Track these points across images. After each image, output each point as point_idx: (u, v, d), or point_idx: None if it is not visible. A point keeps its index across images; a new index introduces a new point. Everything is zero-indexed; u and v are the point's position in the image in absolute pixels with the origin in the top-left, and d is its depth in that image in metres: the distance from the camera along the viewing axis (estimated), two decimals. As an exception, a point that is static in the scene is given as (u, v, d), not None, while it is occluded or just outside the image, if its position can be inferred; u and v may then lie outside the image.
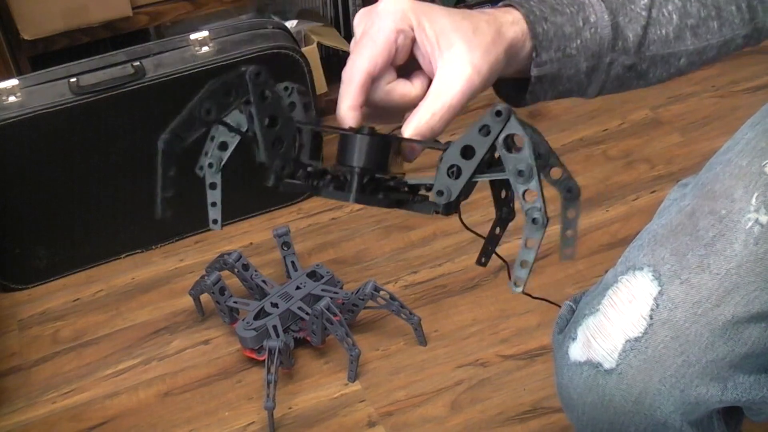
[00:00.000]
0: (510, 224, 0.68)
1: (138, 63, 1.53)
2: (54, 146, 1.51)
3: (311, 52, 1.78)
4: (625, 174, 1.73)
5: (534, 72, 0.65)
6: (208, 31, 1.58)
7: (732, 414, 0.79)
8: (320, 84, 1.83)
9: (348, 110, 0.63)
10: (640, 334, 0.70)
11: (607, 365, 0.71)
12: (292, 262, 1.51)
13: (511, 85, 0.69)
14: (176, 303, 1.54)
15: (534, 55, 0.65)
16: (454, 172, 0.61)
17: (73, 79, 1.50)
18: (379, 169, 0.61)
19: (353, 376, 1.37)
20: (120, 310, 1.55)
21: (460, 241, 1.61)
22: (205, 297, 1.47)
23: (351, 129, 0.62)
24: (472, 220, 1.80)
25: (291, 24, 1.83)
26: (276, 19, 1.77)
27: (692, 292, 0.70)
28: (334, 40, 1.92)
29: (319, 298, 1.40)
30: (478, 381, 1.35)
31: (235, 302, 1.43)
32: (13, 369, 1.46)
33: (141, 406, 1.37)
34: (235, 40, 1.58)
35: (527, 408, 1.30)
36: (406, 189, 0.63)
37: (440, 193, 0.61)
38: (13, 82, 1.49)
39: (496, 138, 0.59)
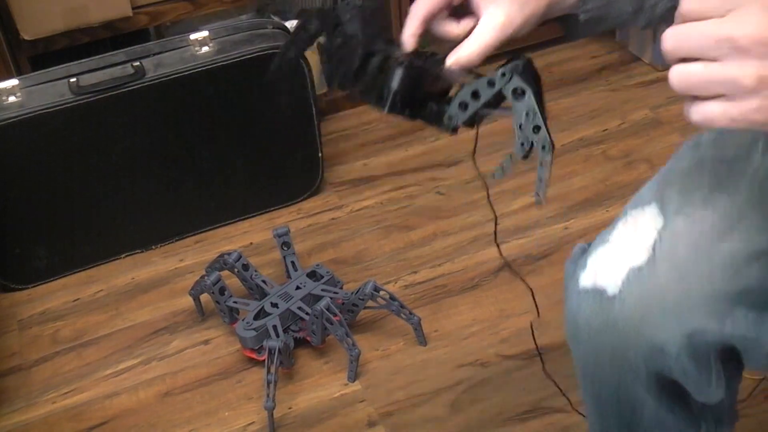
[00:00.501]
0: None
1: (138, 63, 1.53)
2: (54, 146, 1.51)
3: (311, 52, 1.78)
4: (625, 174, 1.73)
5: (581, 17, 0.74)
6: (208, 31, 1.58)
7: (731, 359, 0.79)
8: (320, 84, 1.83)
9: (409, 36, 0.80)
10: (643, 264, 0.73)
11: (611, 291, 0.75)
12: (292, 262, 1.51)
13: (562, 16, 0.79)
14: (176, 303, 1.54)
15: (581, 3, 0.74)
16: (464, 106, 0.79)
17: (73, 79, 1.50)
18: (413, 90, 0.79)
19: (353, 376, 1.37)
20: (120, 310, 1.55)
21: (460, 241, 1.61)
22: (205, 297, 1.47)
23: (403, 55, 0.80)
24: (472, 220, 1.81)
25: (291, 24, 1.83)
26: (276, 19, 1.77)
27: (695, 226, 0.73)
28: (334, 40, 1.92)
29: (319, 298, 1.40)
30: (478, 381, 1.35)
31: (235, 302, 1.43)
32: (13, 369, 1.46)
33: (141, 406, 1.37)
34: (235, 40, 1.59)
35: (527, 408, 1.30)
36: (428, 109, 0.82)
37: (450, 118, 0.81)
38: (13, 82, 1.49)
39: (501, 89, 0.76)
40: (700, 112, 0.58)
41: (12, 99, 1.48)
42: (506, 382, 1.34)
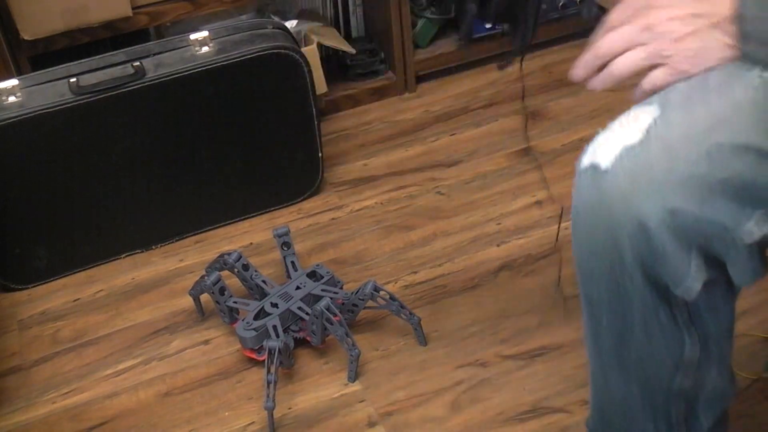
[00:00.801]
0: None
1: (138, 63, 1.53)
2: (54, 146, 1.51)
3: (311, 52, 1.78)
4: (625, 174, 1.73)
5: None
6: (208, 31, 1.58)
7: (715, 266, 0.84)
8: (320, 84, 1.83)
9: None
10: (636, 143, 0.80)
11: (604, 166, 0.82)
12: (292, 262, 1.51)
13: None
14: (176, 303, 1.54)
15: None
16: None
17: (73, 79, 1.50)
18: None
19: (353, 376, 1.37)
20: (120, 310, 1.55)
21: (460, 241, 1.61)
22: (205, 297, 1.47)
23: None
24: (472, 220, 1.81)
25: (291, 24, 1.83)
26: (276, 19, 1.77)
27: (688, 118, 0.81)
28: (334, 40, 1.92)
29: (319, 298, 1.40)
30: (478, 381, 1.35)
31: (235, 302, 1.43)
32: (13, 369, 1.46)
33: (141, 406, 1.37)
34: (235, 40, 1.59)
35: (527, 408, 1.30)
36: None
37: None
38: (13, 82, 1.49)
39: None
40: (648, 82, 0.84)
41: (12, 99, 1.48)
42: (506, 382, 1.35)
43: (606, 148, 0.82)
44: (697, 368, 0.93)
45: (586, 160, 0.84)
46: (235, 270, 1.45)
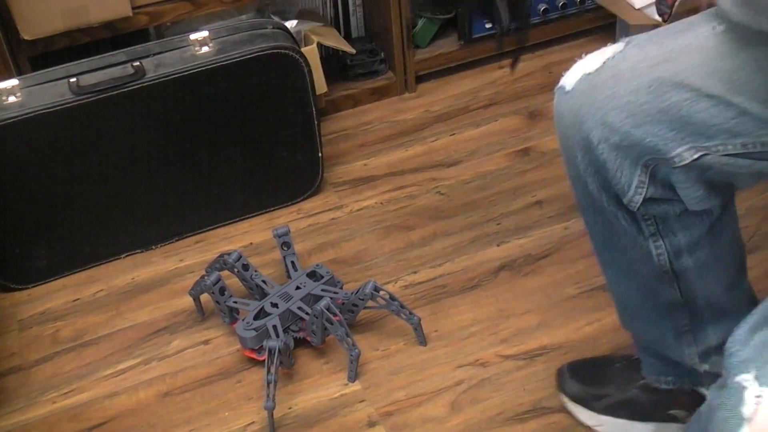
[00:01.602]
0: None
1: (138, 63, 1.53)
2: (54, 146, 1.51)
3: (311, 52, 1.78)
4: (625, 174, 1.73)
5: None
6: (208, 31, 1.58)
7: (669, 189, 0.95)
8: (320, 84, 1.83)
9: None
10: (593, 71, 0.95)
11: (568, 87, 0.97)
12: (292, 262, 1.51)
13: None
14: (176, 303, 1.54)
15: None
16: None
17: (73, 79, 1.50)
18: None
19: (353, 376, 1.37)
20: (120, 310, 1.55)
21: (460, 241, 1.61)
22: (205, 297, 1.47)
23: None
24: (472, 220, 1.80)
25: (291, 24, 1.83)
26: (276, 19, 1.77)
27: (641, 54, 0.94)
28: (334, 40, 1.92)
29: (319, 298, 1.40)
30: (478, 381, 1.35)
31: (235, 302, 1.43)
32: (13, 369, 1.46)
33: (141, 406, 1.37)
34: (235, 40, 1.59)
35: (527, 408, 1.30)
36: None
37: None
38: (13, 82, 1.49)
39: None
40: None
41: (12, 99, 1.48)
42: (506, 382, 1.35)
43: (574, 73, 0.97)
44: (678, 279, 1.04)
45: (560, 82, 0.99)
46: (235, 270, 1.45)
